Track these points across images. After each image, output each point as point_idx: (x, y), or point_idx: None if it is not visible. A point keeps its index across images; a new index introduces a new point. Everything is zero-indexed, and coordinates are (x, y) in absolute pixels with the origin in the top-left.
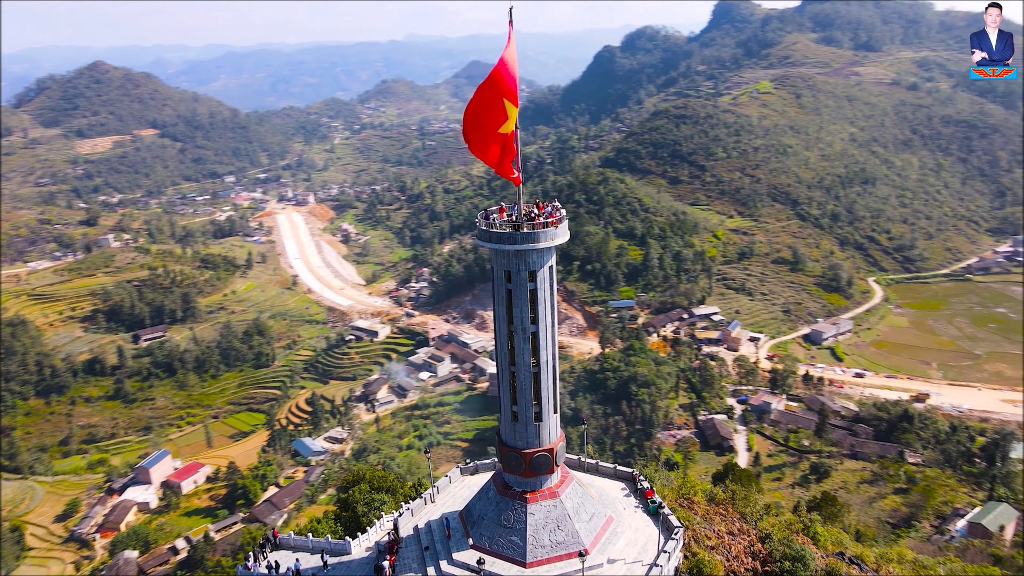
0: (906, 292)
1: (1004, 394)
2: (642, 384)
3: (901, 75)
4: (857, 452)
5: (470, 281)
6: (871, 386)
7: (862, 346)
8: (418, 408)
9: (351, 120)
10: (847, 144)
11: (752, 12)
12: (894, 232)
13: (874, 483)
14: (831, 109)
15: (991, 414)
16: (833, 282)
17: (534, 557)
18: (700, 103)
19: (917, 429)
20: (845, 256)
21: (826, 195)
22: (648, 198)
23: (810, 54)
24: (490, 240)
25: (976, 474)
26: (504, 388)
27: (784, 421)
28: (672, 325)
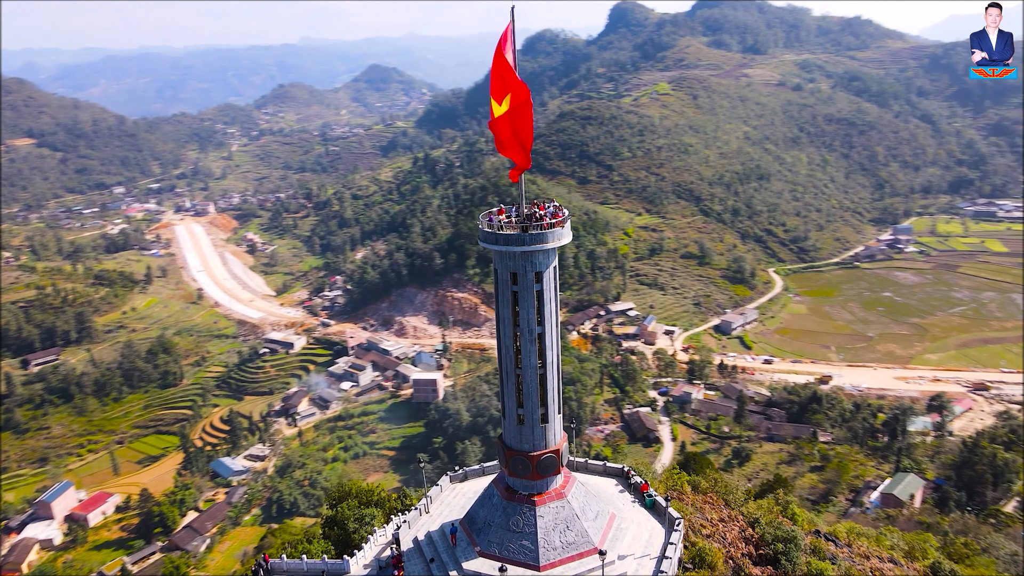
0: (803, 281)
1: (896, 372)
2: (568, 382)
3: (786, 76)
4: (774, 435)
5: (386, 287)
6: (779, 371)
7: (767, 334)
8: (342, 419)
9: (248, 126)
10: (742, 142)
11: (646, 16)
12: (789, 225)
13: (792, 463)
14: (726, 109)
15: (887, 391)
16: (738, 274)
17: (547, 560)
18: (604, 104)
19: (825, 409)
20: (747, 249)
21: (726, 191)
22: (560, 198)
23: (702, 57)
24: (497, 242)
25: (880, 448)
26: (509, 391)
27: (704, 410)
28: (590, 322)
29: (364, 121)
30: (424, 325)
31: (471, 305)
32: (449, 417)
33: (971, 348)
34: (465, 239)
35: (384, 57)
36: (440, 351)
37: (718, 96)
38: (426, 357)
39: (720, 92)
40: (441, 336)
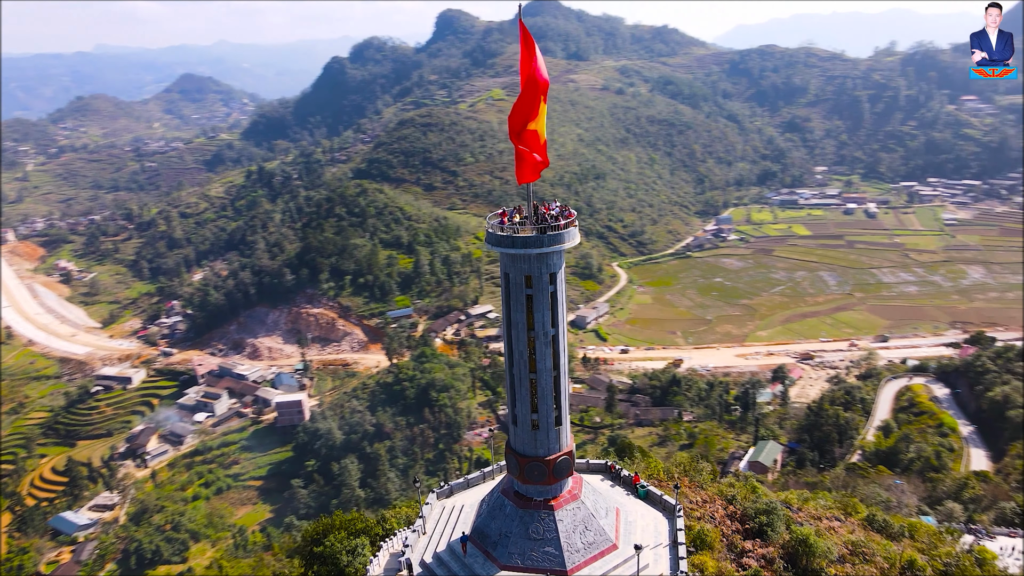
0: (644, 272)
1: (736, 350)
2: (441, 389)
3: (608, 81)
4: (642, 420)
5: (233, 309)
6: (636, 359)
7: (619, 325)
8: (199, 453)
9: (44, 143)
10: (577, 144)
11: (473, 24)
12: (627, 220)
13: (663, 444)
14: (558, 113)
15: (731, 368)
16: (586, 270)
17: (573, 563)
18: (444, 111)
19: (684, 391)
20: (591, 246)
21: (567, 191)
22: (409, 206)
23: None
24: (515, 245)
25: (736, 421)
26: (522, 398)
27: (575, 403)
28: (452, 328)
29: (182, 134)
30: (280, 345)
31: (328, 320)
32: (320, 438)
33: (793, 323)
34: (316, 253)
35: (196, 66)
36: (300, 370)
37: (550, 100)
38: (286, 378)
39: (552, 97)
40: (300, 355)
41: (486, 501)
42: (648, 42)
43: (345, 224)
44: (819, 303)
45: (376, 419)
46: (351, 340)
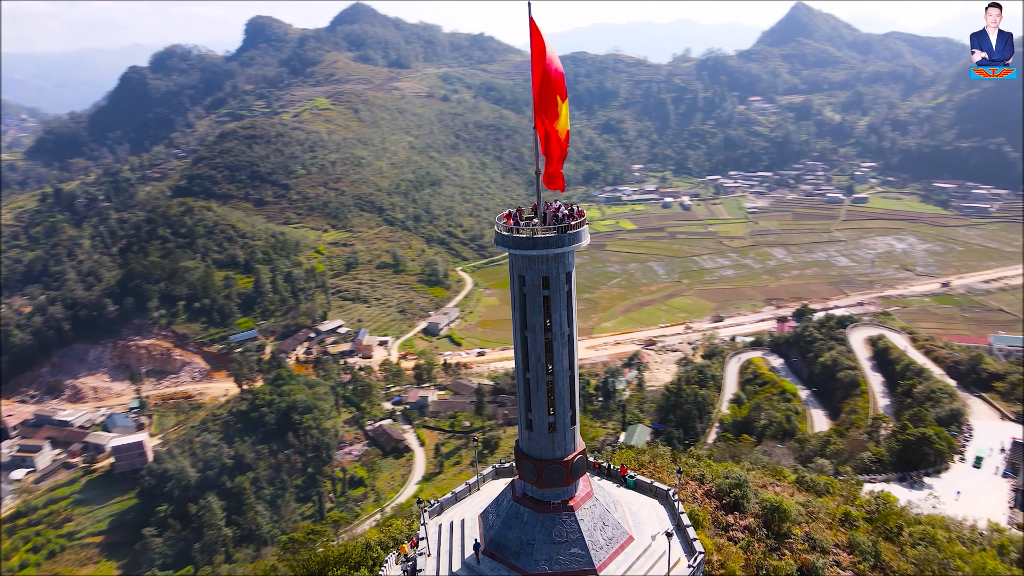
0: (488, 275)
1: (585, 343)
2: (304, 411)
3: (433, 88)
4: (511, 419)
5: (44, 349)
6: (493, 360)
7: (471, 328)
8: (22, 515)
9: None
10: (409, 152)
11: (286, 32)
12: (466, 225)
13: None
14: (387, 121)
15: (583, 360)
16: (432, 277)
17: (599, 560)
18: (269, 122)
19: None
20: (434, 252)
21: (405, 199)
22: (242, 223)
23: (352, 71)
24: (536, 247)
25: (599, 410)
26: (539, 401)
27: (443, 410)
28: (303, 346)
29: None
30: (107, 384)
31: (162, 351)
32: (170, 479)
33: (633, 312)
34: (141, 279)
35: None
36: (136, 409)
37: (378, 109)
38: (120, 419)
39: (379, 105)
40: (134, 392)
41: (493, 512)
42: (467, 49)
43: (172, 246)
44: (653, 292)
45: (235, 450)
46: (191, 370)
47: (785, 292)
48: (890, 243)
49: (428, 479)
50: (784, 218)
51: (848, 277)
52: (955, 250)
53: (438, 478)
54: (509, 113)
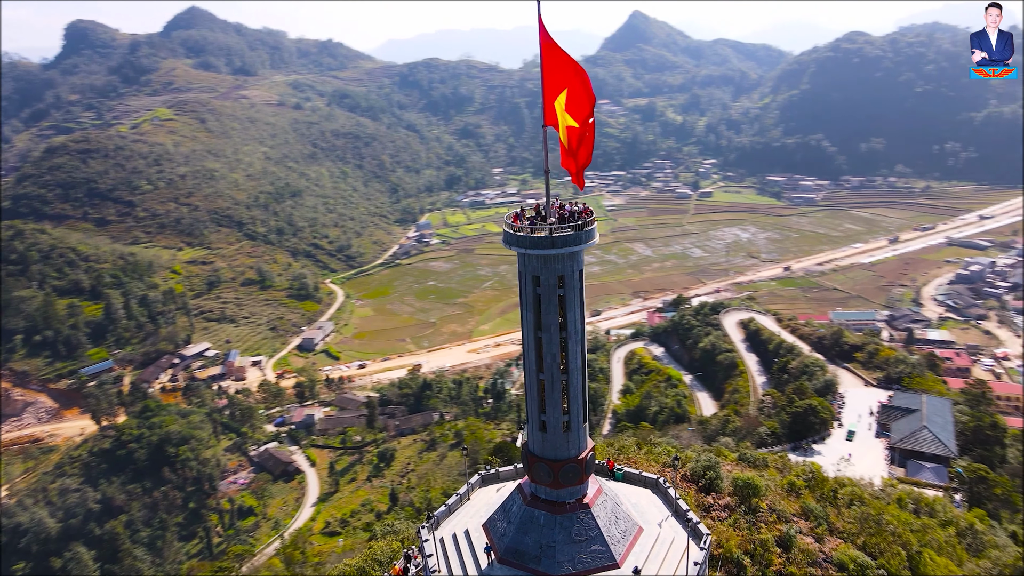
0: (359, 286)
1: (467, 347)
2: (179, 442)
3: (283, 96)
4: (403, 429)
5: None
6: (376, 372)
7: (348, 341)
8: None
9: None
10: (265, 162)
11: (113, 37)
12: (332, 236)
13: (433, 447)
14: (238, 131)
15: (467, 364)
16: (302, 291)
17: (619, 554)
18: (105, 135)
19: (437, 393)
20: (301, 265)
21: (265, 212)
22: (83, 245)
23: (193, 80)
24: (555, 246)
25: (490, 412)
26: (554, 401)
27: (331, 426)
28: (167, 374)
29: None
30: None
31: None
32: (25, 533)
33: (509, 313)
34: None
35: None
36: None
37: (226, 119)
38: None
39: (227, 115)
40: None
41: (502, 520)
42: (315, 56)
43: (1, 274)
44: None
45: (101, 493)
46: (36, 410)
47: (649, 284)
48: (736, 233)
49: (324, 499)
50: (640, 214)
51: (703, 267)
52: (791, 237)
53: (335, 498)
54: (366, 120)
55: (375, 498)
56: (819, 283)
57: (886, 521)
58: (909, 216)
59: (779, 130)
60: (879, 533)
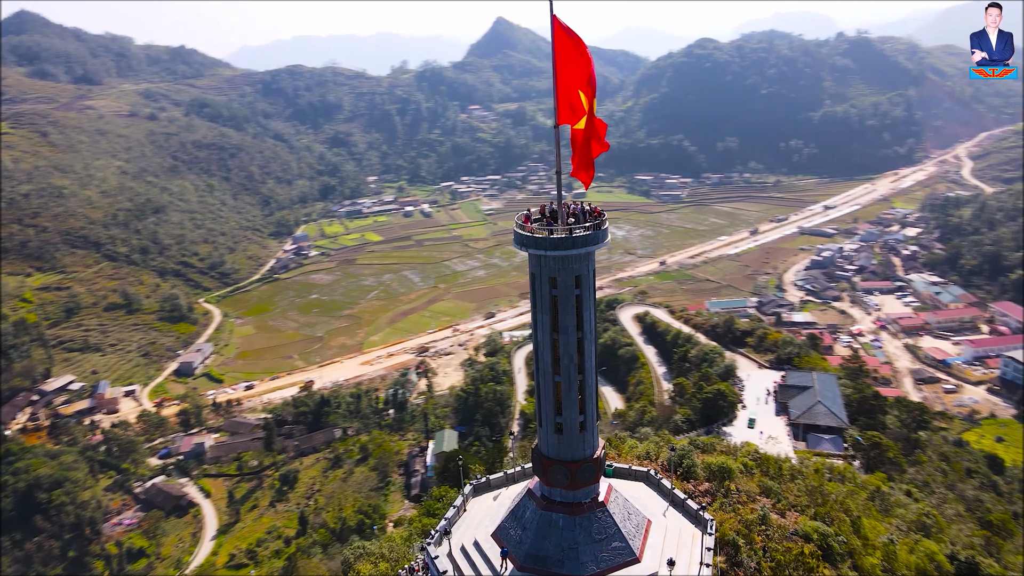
0: (236, 304)
1: (359, 359)
2: (51, 486)
3: (135, 107)
4: (304, 449)
5: None
6: (265, 392)
7: (231, 362)
8: None
9: None
10: (121, 178)
11: None
12: (202, 253)
13: (339, 464)
14: (87, 144)
15: (361, 377)
16: (175, 312)
17: (637, 548)
18: None
19: (335, 408)
20: (171, 286)
21: (125, 230)
22: None
23: (28, 89)
24: (575, 246)
25: (392, 424)
26: (570, 402)
27: (224, 453)
28: (26, 412)
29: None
30: None
31: None
32: None
33: (398, 322)
34: None
35: None
36: None
37: (72, 131)
38: None
39: (72, 127)
40: None
41: (515, 527)
42: (168, 63)
43: None
44: (413, 300)
45: None
46: None
47: None
48: (611, 231)
49: (225, 531)
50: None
51: None
52: (663, 233)
53: (237, 528)
54: (229, 131)
55: (282, 524)
56: (693, 275)
57: (827, 491)
58: (764, 209)
59: (643, 131)
60: (825, 503)
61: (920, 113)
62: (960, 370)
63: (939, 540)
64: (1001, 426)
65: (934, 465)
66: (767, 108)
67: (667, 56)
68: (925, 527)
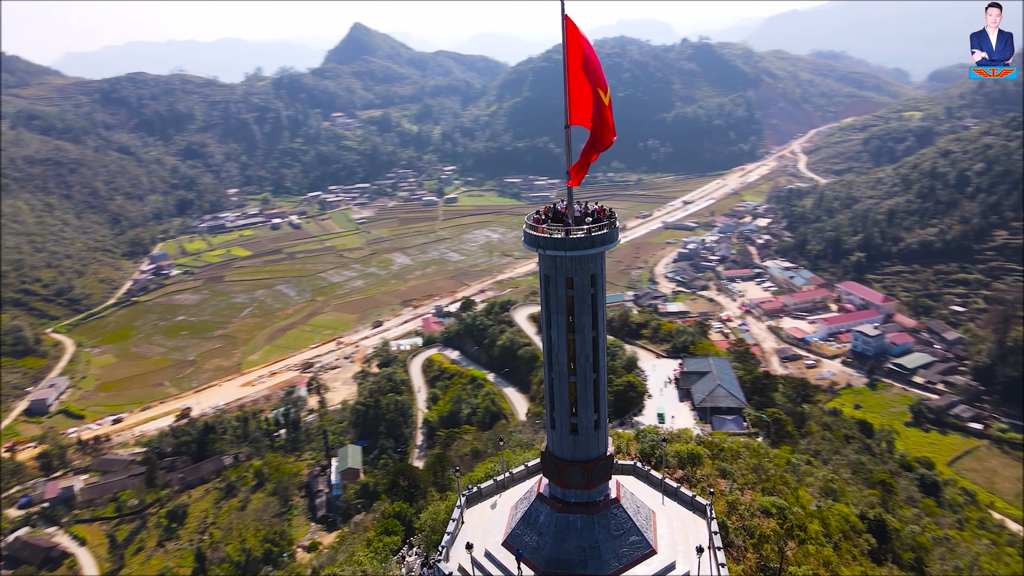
0: (92, 331)
1: (239, 380)
2: None
3: None
4: (191, 481)
5: None
6: (137, 424)
7: (91, 395)
8: None
9: None
10: None
11: None
12: (45, 279)
13: (233, 493)
14: None
15: (244, 399)
16: (19, 346)
17: (651, 540)
18: None
19: (221, 435)
20: (11, 316)
21: None
22: None
23: None
24: (594, 245)
25: (285, 445)
26: (586, 401)
27: (97, 495)
28: None
29: None
30: None
31: None
32: None
33: (277, 339)
34: None
35: None
36: None
37: None
38: None
39: None
40: None
41: (529, 533)
42: None
43: None
44: (291, 315)
45: None
46: None
47: (416, 292)
48: (486, 234)
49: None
50: (392, 224)
51: (464, 269)
52: None
53: (122, 574)
54: (66, 144)
55: (175, 563)
56: None
57: (768, 467)
58: (630, 206)
59: (510, 135)
60: (770, 479)
61: (760, 113)
62: (818, 346)
63: (845, 502)
64: (857, 394)
65: (820, 435)
66: (624, 110)
67: (527, 61)
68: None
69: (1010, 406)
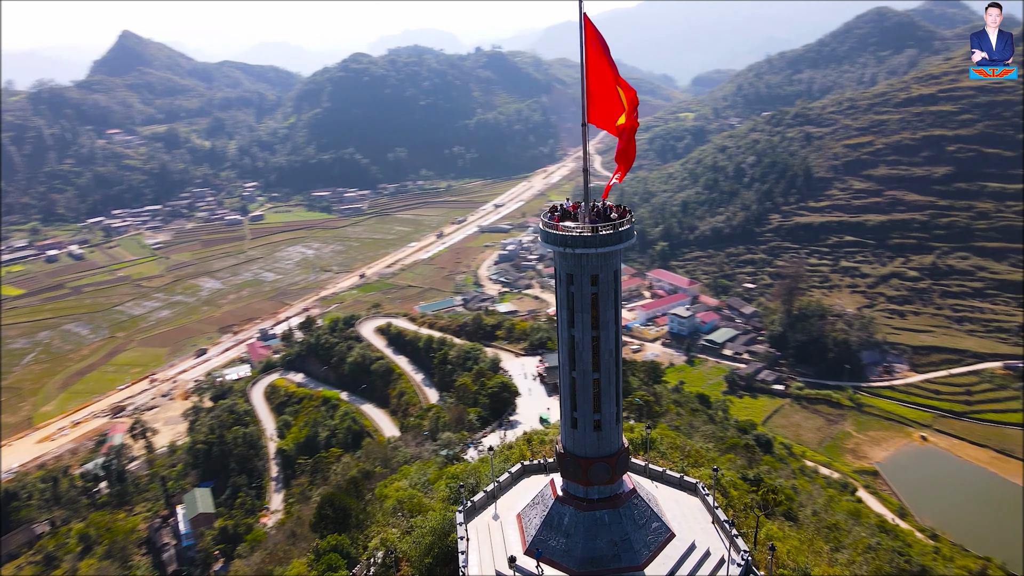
0: None
1: (33, 437)
2: None
3: None
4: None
5: None
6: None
7: None
8: None
9: None
10: None
11: None
12: None
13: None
14: None
15: (44, 457)
16: None
17: (669, 524)
18: None
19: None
20: None
21: None
22: None
23: None
24: (621, 240)
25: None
26: (609, 397)
27: None
28: None
29: None
30: None
31: None
32: None
33: (74, 384)
34: None
35: None
36: None
37: None
38: None
39: None
40: None
41: (554, 537)
42: None
43: None
44: (87, 356)
45: None
46: None
47: (234, 317)
48: (301, 251)
49: None
50: (194, 247)
51: (282, 289)
52: (353, 246)
53: None
54: None
55: None
56: (394, 283)
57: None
58: (444, 212)
59: (312, 147)
60: (693, 455)
61: (555, 117)
62: (639, 331)
63: (724, 469)
64: (679, 371)
65: (675, 411)
66: (428, 118)
67: (323, 71)
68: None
69: (803, 366)
